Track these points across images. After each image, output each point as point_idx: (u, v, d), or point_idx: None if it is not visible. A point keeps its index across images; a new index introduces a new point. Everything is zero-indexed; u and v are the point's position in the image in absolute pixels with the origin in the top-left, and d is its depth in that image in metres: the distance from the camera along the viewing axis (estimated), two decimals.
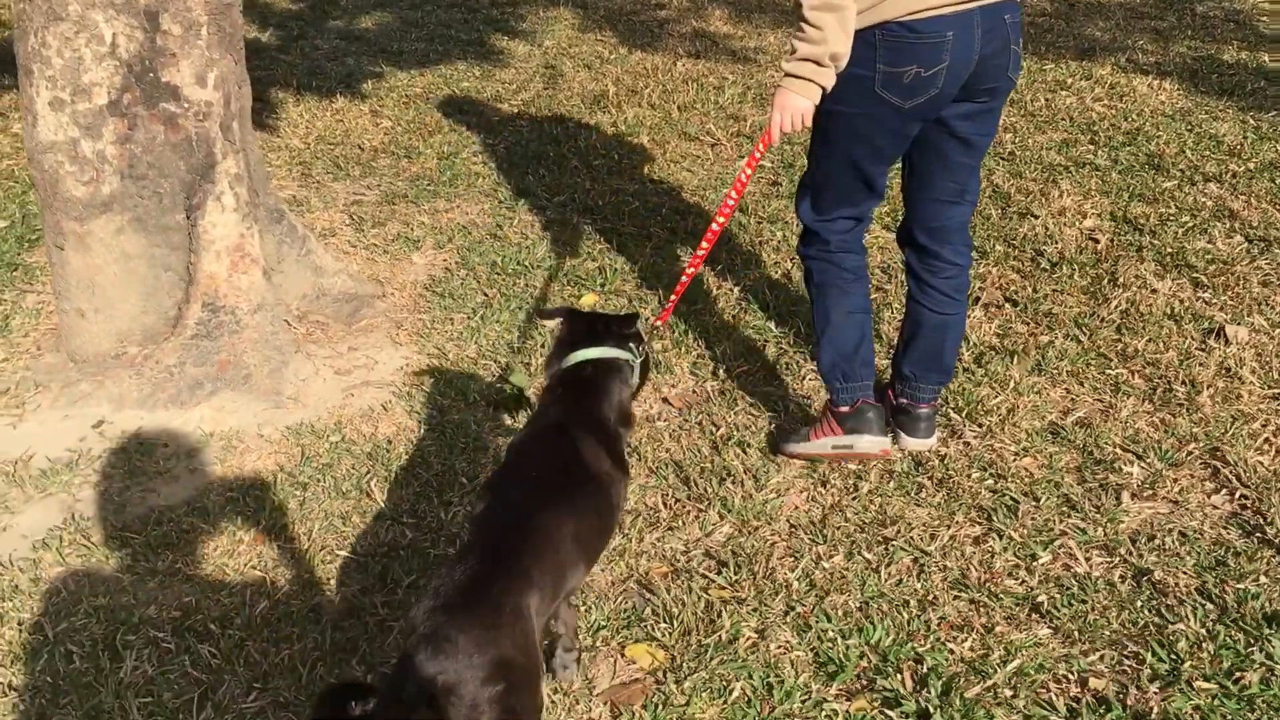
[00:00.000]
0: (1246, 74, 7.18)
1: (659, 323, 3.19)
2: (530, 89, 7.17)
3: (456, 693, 2.02)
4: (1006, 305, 4.46)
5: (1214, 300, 4.46)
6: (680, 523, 3.37)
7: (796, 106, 3.04)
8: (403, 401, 3.99)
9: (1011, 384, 3.94)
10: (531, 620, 2.19)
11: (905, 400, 3.62)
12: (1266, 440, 3.62)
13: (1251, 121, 6.34)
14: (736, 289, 4.64)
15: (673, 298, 3.42)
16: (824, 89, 2.99)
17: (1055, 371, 4.02)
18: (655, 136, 6.30)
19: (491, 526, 2.35)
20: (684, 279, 3.41)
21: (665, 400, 3.98)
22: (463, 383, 4.07)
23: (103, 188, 3.93)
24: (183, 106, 3.94)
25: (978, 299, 4.48)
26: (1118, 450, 3.60)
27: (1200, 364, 4.03)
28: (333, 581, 3.21)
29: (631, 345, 2.82)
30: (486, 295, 4.62)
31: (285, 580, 3.20)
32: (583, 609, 3.02)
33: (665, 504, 3.45)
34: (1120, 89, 6.89)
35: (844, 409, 3.53)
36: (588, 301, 4.56)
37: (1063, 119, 6.44)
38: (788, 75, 3.03)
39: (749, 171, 3.28)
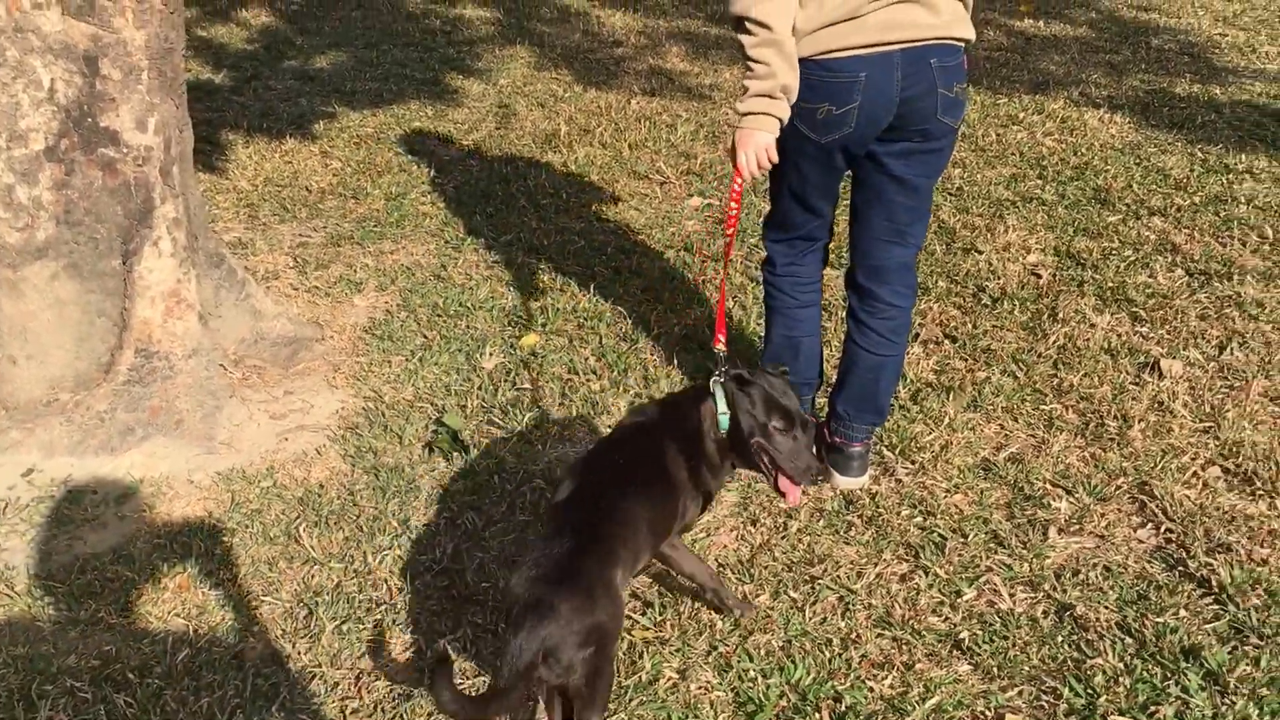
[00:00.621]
0: (1198, 107, 7.24)
1: (716, 346, 3.14)
2: (482, 128, 7.17)
3: (555, 655, 2.35)
4: (945, 342, 4.46)
5: (1151, 334, 4.47)
6: None
7: (758, 142, 3.07)
8: (337, 445, 3.96)
9: (946, 420, 3.93)
10: (619, 591, 2.53)
11: (839, 439, 3.62)
12: (1194, 474, 3.62)
13: (1199, 154, 6.38)
14: (678, 326, 4.63)
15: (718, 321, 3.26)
16: (781, 120, 3.03)
17: (990, 407, 4.02)
18: (605, 175, 6.31)
19: (582, 507, 2.67)
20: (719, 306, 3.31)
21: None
22: (398, 425, 4.05)
23: (37, 234, 3.91)
24: (121, 151, 3.92)
25: (917, 335, 4.48)
26: (1048, 486, 3.59)
27: (1134, 398, 4.03)
28: (256, 628, 3.16)
29: (723, 395, 2.91)
30: (426, 337, 4.60)
31: (208, 627, 3.17)
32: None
33: None
34: (1071, 123, 6.94)
35: None
36: (528, 342, 4.54)
37: (1013, 154, 6.47)
38: (745, 114, 3.06)
39: (734, 206, 3.25)
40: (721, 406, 2.87)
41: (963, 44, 3.07)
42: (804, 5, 2.95)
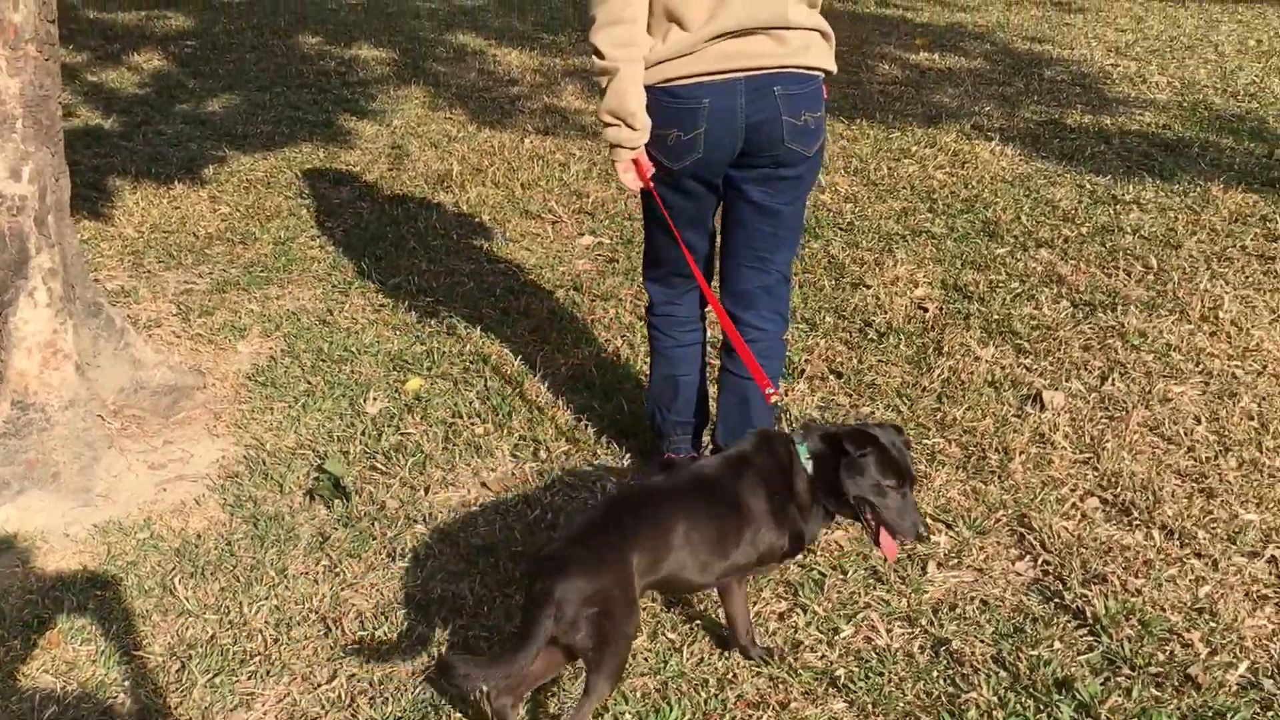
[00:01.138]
0: (1088, 138, 7.36)
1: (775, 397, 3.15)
2: (374, 170, 7.10)
3: (562, 607, 2.53)
4: (831, 378, 4.46)
5: (1035, 366, 4.50)
6: (485, 609, 3.28)
7: (619, 174, 3.28)
8: (216, 494, 3.87)
9: None
10: (632, 569, 2.67)
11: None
12: (1073, 505, 3.64)
13: (1088, 186, 6.48)
14: (565, 367, 4.58)
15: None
16: (629, 148, 3.14)
17: None
18: (496, 215, 6.27)
19: (629, 493, 3.01)
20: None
21: (483, 484, 3.89)
22: (279, 473, 3.96)
23: None
24: None
25: (803, 372, 4.48)
26: (929, 520, 3.58)
27: (1015, 430, 4.05)
28: (127, 683, 3.06)
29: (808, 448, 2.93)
30: (310, 383, 4.52)
31: (77, 684, 3.07)
32: (379, 701, 2.92)
33: (472, 591, 3.35)
34: (963, 156, 7.02)
35: (661, 459, 3.71)
36: (413, 386, 4.47)
37: (904, 187, 6.52)
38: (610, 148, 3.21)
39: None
40: (804, 454, 2.91)
41: (817, 73, 3.12)
42: (652, 35, 3.05)
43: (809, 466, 2.88)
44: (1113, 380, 4.37)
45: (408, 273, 5.58)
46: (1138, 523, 3.57)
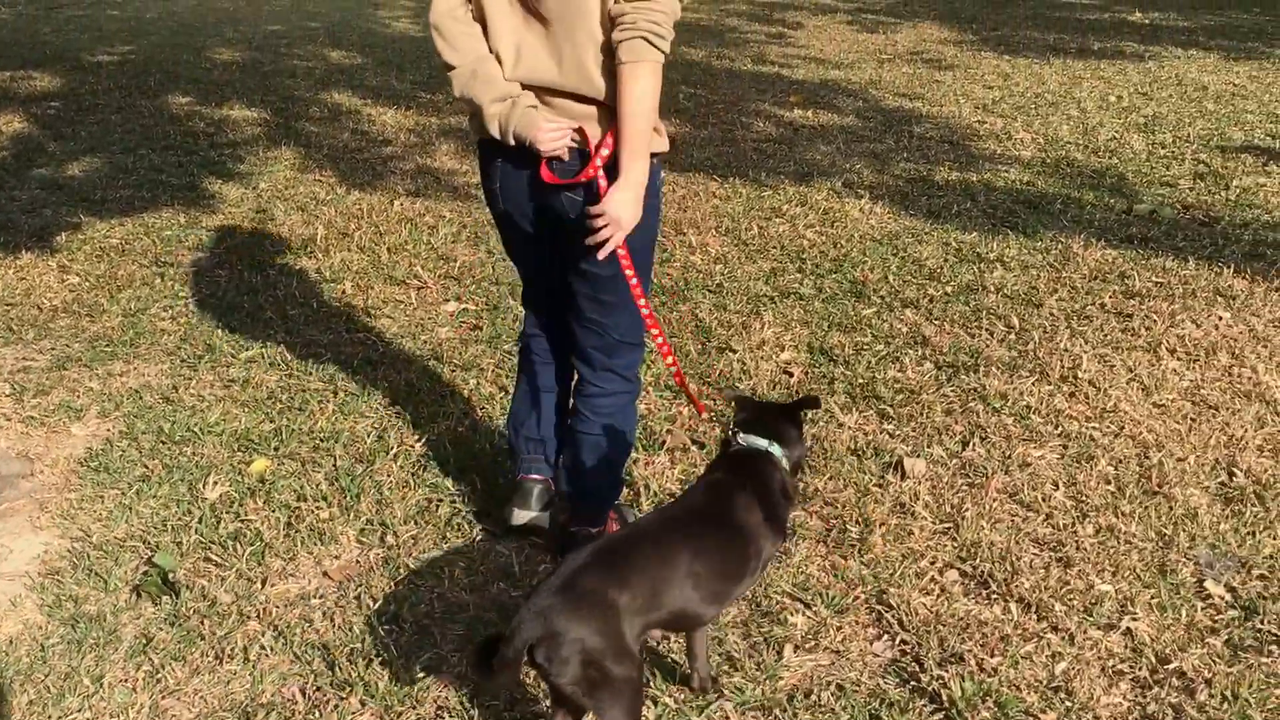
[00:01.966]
0: (955, 195, 7.40)
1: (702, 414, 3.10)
2: (236, 235, 6.89)
3: (549, 653, 2.46)
4: (692, 448, 4.34)
5: (898, 432, 4.43)
6: (318, 713, 3.08)
7: None
8: (35, 594, 3.63)
9: None
10: (618, 613, 2.53)
11: (571, 524, 3.68)
12: (932, 579, 3.55)
13: (954, 243, 6.48)
14: (419, 444, 4.41)
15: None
16: (492, 136, 3.10)
17: None
18: (360, 282, 6.09)
19: (616, 536, 2.80)
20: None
21: (325, 574, 3.70)
22: (105, 568, 3.74)
23: None
24: None
25: (663, 444, 4.35)
26: (786, 600, 3.48)
27: (877, 501, 3.97)
28: None
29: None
30: (147, 467, 4.29)
31: None
32: None
33: (304, 692, 3.15)
34: (834, 214, 7.00)
35: (516, 479, 3.77)
36: (257, 468, 4.27)
37: (774, 247, 6.47)
38: None
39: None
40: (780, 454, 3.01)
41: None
42: None
43: (786, 464, 3.01)
44: (973, 445, 4.31)
45: (262, 344, 5.37)
46: (995, 595, 3.49)
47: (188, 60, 12.03)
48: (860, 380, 4.84)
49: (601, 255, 3.00)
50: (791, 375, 4.91)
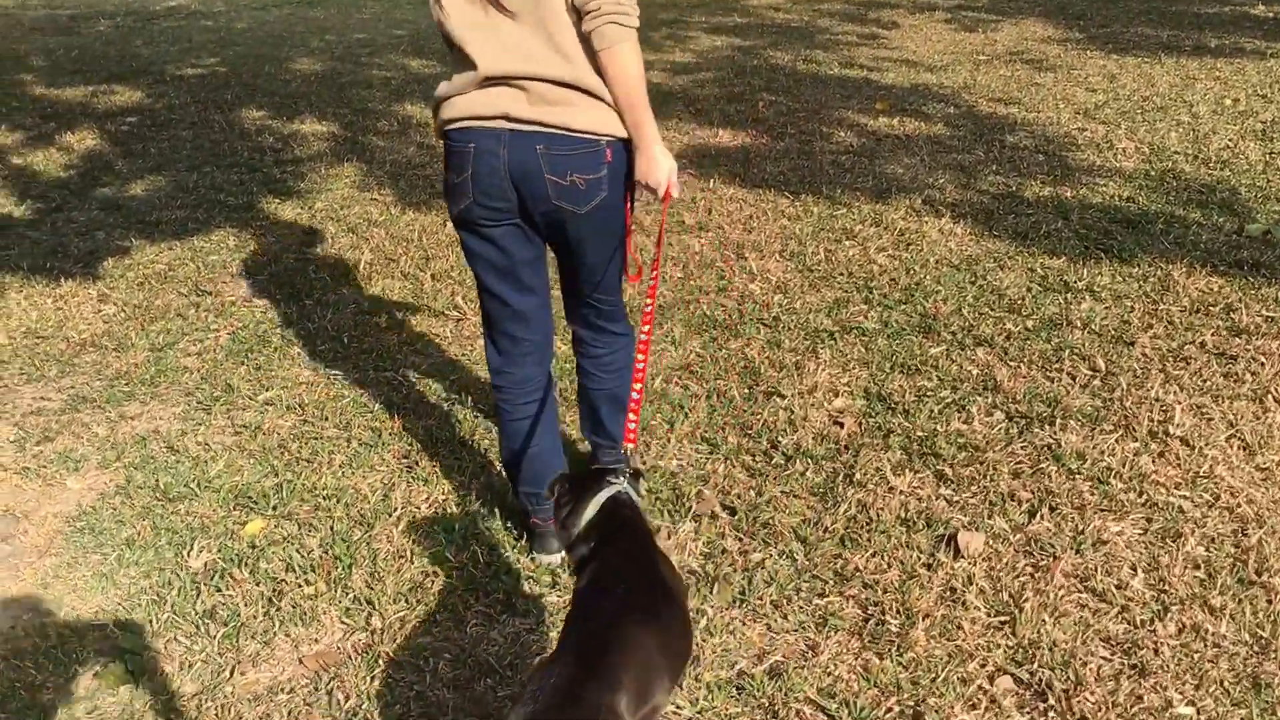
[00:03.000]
0: (1045, 213, 6.83)
1: (627, 444, 3.02)
2: (281, 261, 6.59)
3: None
4: (723, 515, 3.88)
5: (956, 498, 3.93)
6: None
7: None
8: None
9: (704, 621, 3.35)
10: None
11: (534, 519, 3.76)
12: (980, 688, 3.07)
13: (1039, 270, 5.93)
14: (426, 505, 4.05)
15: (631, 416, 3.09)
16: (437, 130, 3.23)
17: (759, 602, 3.45)
18: (398, 314, 5.75)
19: (581, 634, 2.41)
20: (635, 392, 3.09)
21: (300, 661, 3.32)
22: (69, 649, 3.42)
23: None
24: None
25: (689, 510, 3.90)
26: (805, 709, 3.01)
27: (924, 585, 3.48)
28: None
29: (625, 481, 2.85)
30: (135, 529, 3.98)
31: None
32: None
33: None
34: (909, 236, 6.48)
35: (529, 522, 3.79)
36: (251, 530, 3.92)
37: (841, 274, 5.98)
38: None
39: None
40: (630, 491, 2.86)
41: (588, 135, 3.07)
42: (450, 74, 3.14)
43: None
44: (1042, 515, 3.80)
45: (283, 385, 5.04)
46: (1054, 713, 2.98)
47: (268, 72, 11.86)
48: (919, 434, 4.35)
49: (676, 195, 3.18)
50: (842, 426, 4.42)
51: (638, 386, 3.04)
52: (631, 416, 3.02)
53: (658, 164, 3.10)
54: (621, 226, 3.29)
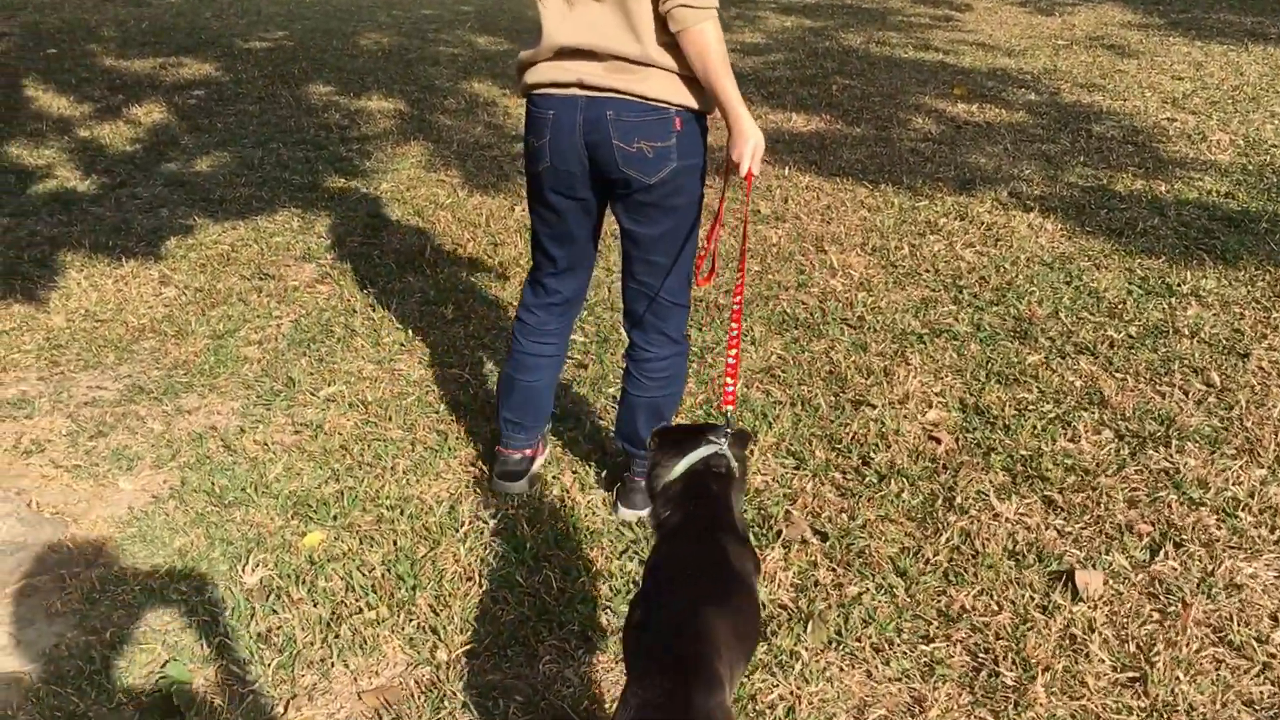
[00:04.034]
0: (1140, 208, 6.47)
1: (727, 406, 3.02)
2: (346, 244, 6.36)
3: None
4: (814, 540, 3.60)
5: (1068, 529, 3.63)
6: None
7: None
8: (29, 706, 3.10)
9: (799, 665, 3.08)
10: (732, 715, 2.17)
11: (626, 473, 3.80)
12: None
13: (1139, 271, 5.58)
14: (495, 518, 3.81)
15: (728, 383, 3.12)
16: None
17: (857, 644, 3.17)
18: (464, 303, 5.52)
19: (666, 635, 2.25)
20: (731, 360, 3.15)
21: (359, 696, 3.10)
22: (114, 675, 3.19)
23: None
24: None
25: (779, 534, 3.62)
26: None
27: (1040, 631, 3.19)
28: None
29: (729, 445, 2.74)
30: (188, 538, 3.76)
31: None
32: None
33: None
34: (997, 231, 6.15)
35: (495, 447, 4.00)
36: (309, 543, 3.69)
37: (927, 270, 5.66)
38: None
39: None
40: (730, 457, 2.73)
41: (658, 103, 3.12)
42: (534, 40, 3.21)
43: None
44: (1165, 553, 3.49)
45: (346, 379, 4.81)
46: None
47: (336, 47, 11.62)
48: (1022, 453, 4.04)
49: (756, 172, 3.15)
50: (939, 442, 4.12)
51: (733, 353, 3.11)
52: (729, 380, 3.08)
53: (744, 136, 3.09)
54: (693, 214, 3.34)
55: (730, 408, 2.97)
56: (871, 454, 4.09)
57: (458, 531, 3.76)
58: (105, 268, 6.04)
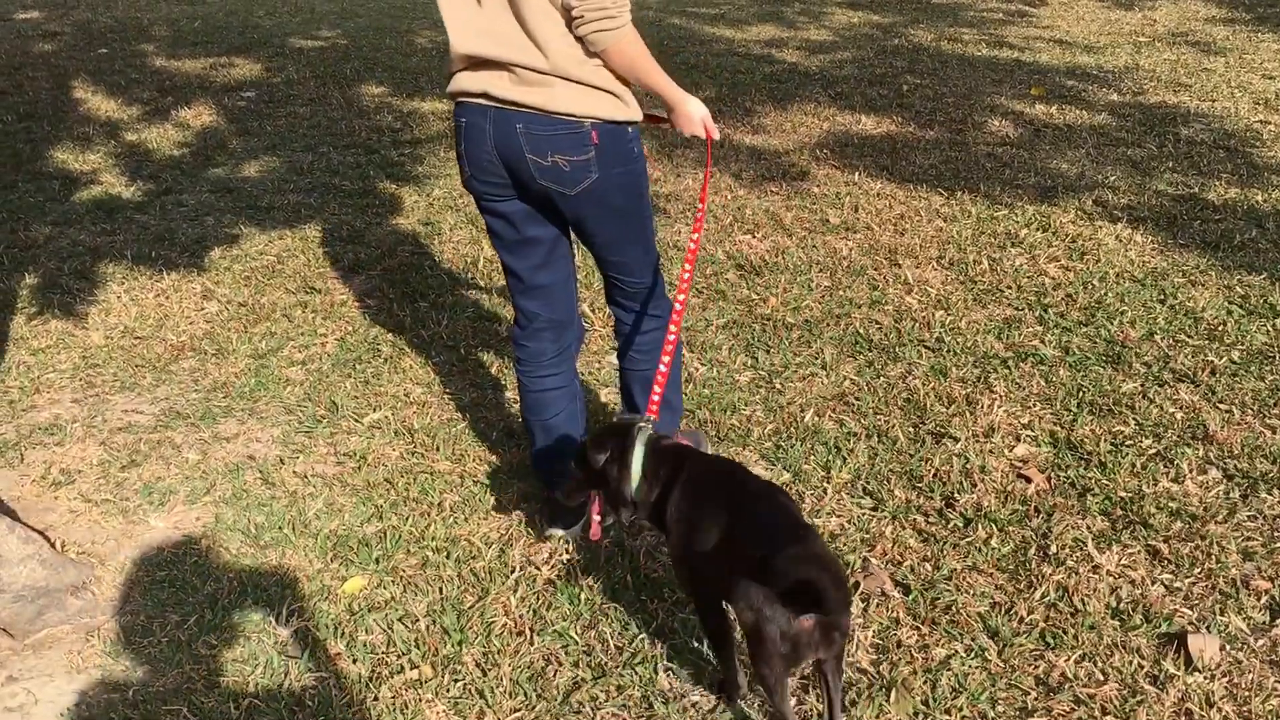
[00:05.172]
0: (1236, 219, 6.08)
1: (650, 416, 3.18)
2: (398, 254, 6.11)
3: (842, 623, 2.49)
4: (895, 594, 3.27)
5: (1176, 584, 3.29)
6: None
7: None
8: None
9: None
10: None
11: None
12: None
13: (1238, 289, 5.20)
14: (548, 565, 3.49)
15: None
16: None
17: (947, 717, 2.83)
18: None
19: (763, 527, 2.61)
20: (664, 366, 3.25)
21: None
22: None
23: None
24: None
25: (857, 585, 3.30)
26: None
27: (1151, 706, 2.85)
28: None
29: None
30: (220, 583, 3.52)
31: None
32: None
33: None
34: (1083, 243, 5.79)
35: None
36: (350, 589, 3.43)
37: (1009, 287, 5.32)
38: None
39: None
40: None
41: (568, 117, 3.03)
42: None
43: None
44: None
45: (392, 404, 4.55)
46: None
47: (390, 45, 11.40)
48: (1122, 495, 3.70)
49: (716, 136, 3.23)
50: (1029, 481, 3.78)
51: (666, 359, 3.19)
52: (656, 390, 3.12)
53: (689, 117, 3.16)
54: (640, 209, 3.29)
55: (653, 418, 3.10)
56: (956, 494, 3.76)
57: (508, 579, 3.49)
58: (147, 280, 5.83)
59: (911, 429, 4.19)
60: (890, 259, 5.74)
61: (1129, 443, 4.04)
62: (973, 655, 3.08)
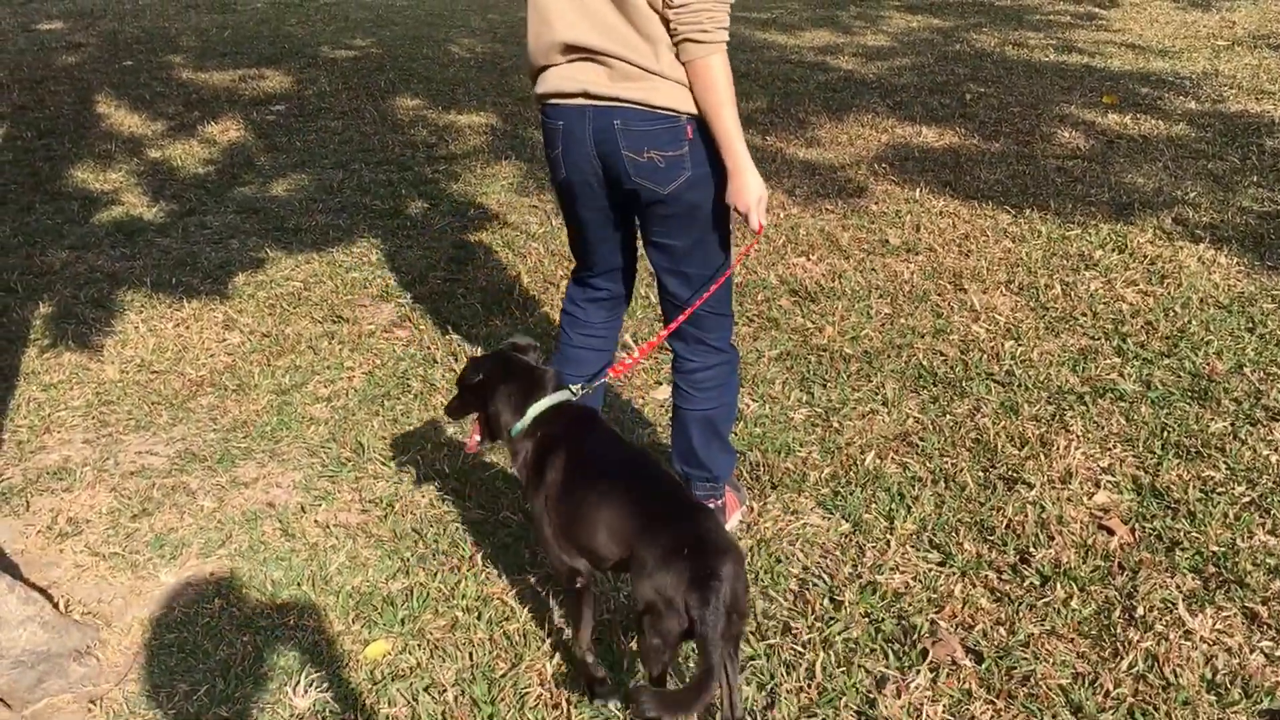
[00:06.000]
0: None
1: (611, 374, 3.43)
2: (429, 280, 5.83)
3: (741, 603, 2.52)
4: (967, 664, 2.95)
5: (1278, 652, 2.91)
6: None
7: None
8: None
9: None
10: None
11: None
12: None
13: None
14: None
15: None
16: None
17: None
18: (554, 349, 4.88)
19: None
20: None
21: None
22: None
23: None
24: None
25: (925, 653, 2.97)
26: None
27: None
28: None
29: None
30: (234, 647, 3.24)
31: None
32: None
33: None
34: (1162, 266, 5.44)
35: None
36: (373, 654, 3.14)
37: (1083, 314, 4.98)
38: None
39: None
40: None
41: (667, 111, 2.99)
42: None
43: None
44: None
45: (421, 445, 4.27)
46: None
47: (425, 55, 11.15)
48: (1214, 549, 3.37)
49: (760, 229, 3.08)
50: (1112, 534, 3.45)
51: (629, 361, 3.49)
52: (612, 372, 3.39)
53: (747, 187, 3.01)
54: (720, 220, 3.19)
55: (605, 380, 3.40)
56: (1031, 548, 3.42)
57: (544, 643, 3.18)
58: (166, 309, 5.57)
59: (981, 473, 3.87)
60: (955, 283, 5.41)
61: (1220, 489, 3.69)
62: None
